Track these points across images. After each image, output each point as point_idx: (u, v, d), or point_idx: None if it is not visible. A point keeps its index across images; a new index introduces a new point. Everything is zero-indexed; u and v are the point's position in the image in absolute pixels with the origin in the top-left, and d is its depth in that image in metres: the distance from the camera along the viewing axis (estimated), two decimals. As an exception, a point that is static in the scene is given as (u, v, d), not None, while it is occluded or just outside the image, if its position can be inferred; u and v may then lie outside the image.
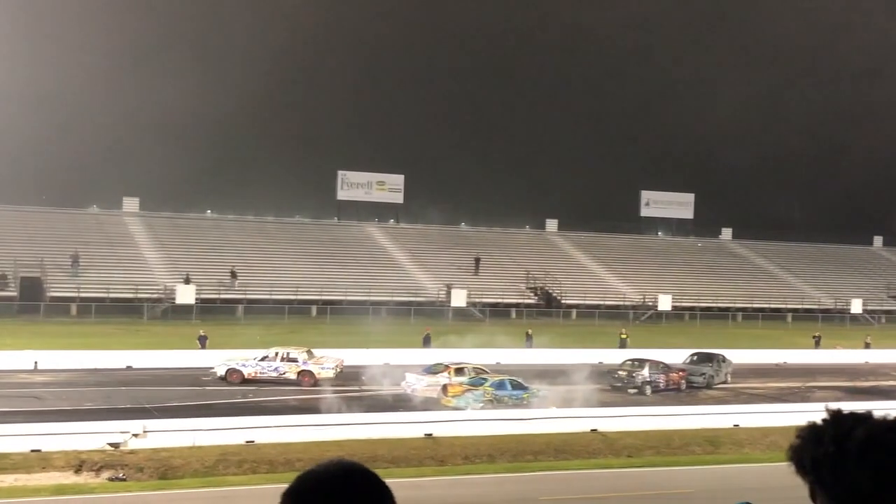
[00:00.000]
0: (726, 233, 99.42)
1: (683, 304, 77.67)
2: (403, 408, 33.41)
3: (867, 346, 59.97)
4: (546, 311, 73.61)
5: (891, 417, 2.00)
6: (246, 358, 38.98)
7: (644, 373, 40.64)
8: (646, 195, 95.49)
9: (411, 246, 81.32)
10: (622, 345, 53.88)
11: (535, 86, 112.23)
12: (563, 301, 75.80)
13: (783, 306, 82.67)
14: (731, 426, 32.61)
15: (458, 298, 69.92)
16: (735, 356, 47.13)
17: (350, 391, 36.22)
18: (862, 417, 2.02)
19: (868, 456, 1.93)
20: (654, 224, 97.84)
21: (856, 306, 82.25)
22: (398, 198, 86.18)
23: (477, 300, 71.24)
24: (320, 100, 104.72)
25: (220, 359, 39.67)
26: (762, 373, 47.56)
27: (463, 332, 53.72)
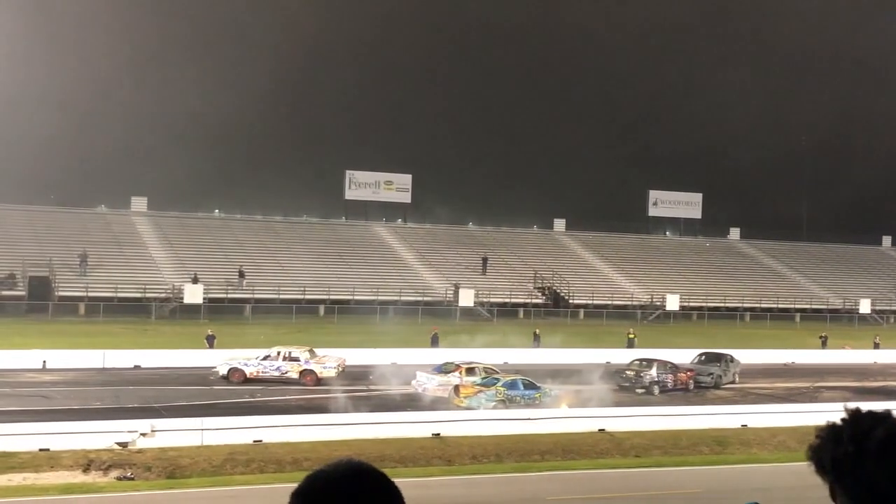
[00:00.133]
0: (734, 233, 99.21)
1: (691, 304, 77.54)
2: (411, 407, 33.40)
3: (876, 347, 59.82)
4: (554, 311, 73.55)
5: None
6: (248, 357, 39.00)
7: (652, 373, 40.61)
8: (654, 195, 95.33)
9: (419, 245, 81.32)
10: (630, 345, 53.84)
11: (544, 86, 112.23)
12: (571, 301, 75.71)
13: (791, 306, 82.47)
14: (739, 426, 32.54)
15: (466, 298, 69.86)
16: (743, 356, 47.05)
17: (358, 391, 36.23)
18: (881, 417, 2.02)
19: (887, 456, 1.93)
20: (662, 224, 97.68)
21: (864, 306, 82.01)
22: (406, 197, 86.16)
23: (485, 300, 71.21)
24: (328, 99, 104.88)
25: (223, 358, 39.74)
26: (770, 373, 47.45)
27: (471, 332, 53.72)
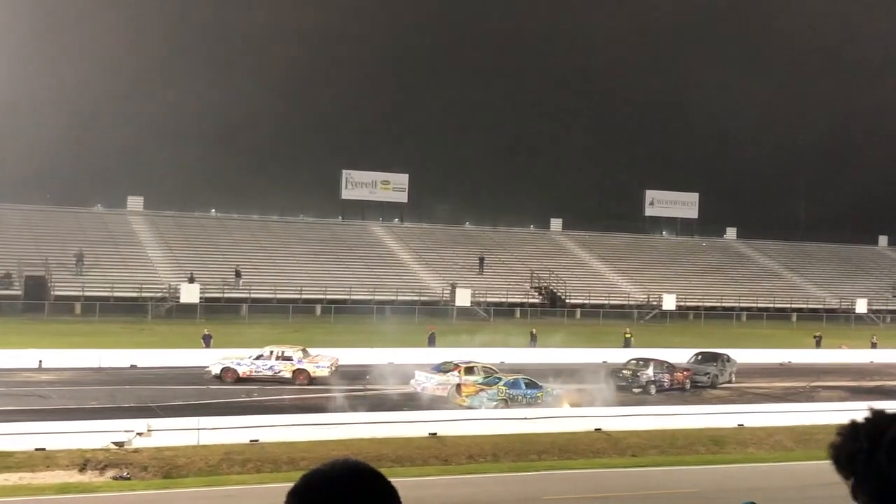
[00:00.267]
0: (731, 232, 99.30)
1: (688, 304, 77.62)
2: (408, 407, 33.41)
3: (873, 346, 59.88)
4: (550, 311, 73.56)
5: None
6: (241, 356, 38.99)
7: (648, 372, 40.64)
8: (650, 195, 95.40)
9: (416, 245, 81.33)
10: (626, 344, 53.89)
11: (541, 85, 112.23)
12: (568, 300, 75.75)
13: (788, 306, 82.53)
14: (736, 426, 32.56)
15: (463, 298, 69.87)
16: (739, 356, 47.09)
17: (355, 390, 36.21)
18: None
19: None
20: (659, 223, 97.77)
21: (861, 306, 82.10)
22: (402, 197, 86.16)
23: (481, 299, 71.23)
24: (325, 99, 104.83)
25: (215, 357, 39.75)
26: (767, 372, 47.50)
27: (467, 332, 53.77)
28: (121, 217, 75.87)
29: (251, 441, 26.65)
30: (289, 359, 38.44)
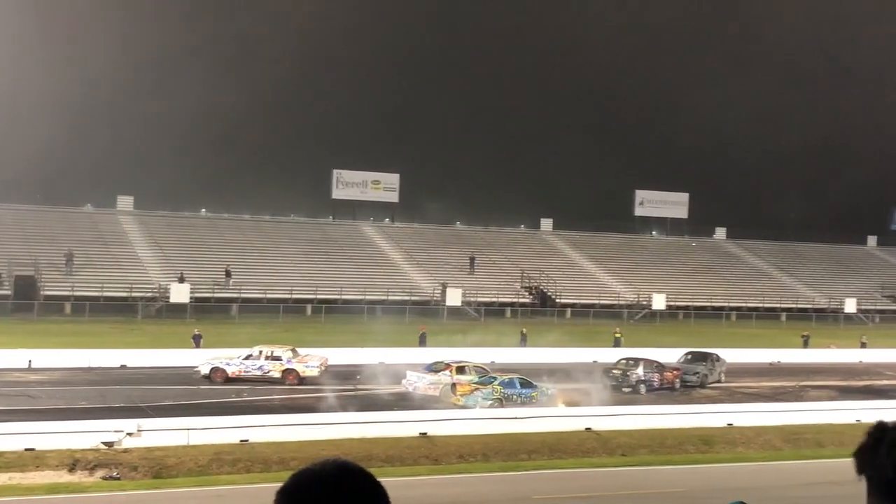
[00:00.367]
0: (720, 232, 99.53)
1: (678, 304, 77.77)
2: (399, 407, 33.41)
3: (863, 346, 60.03)
4: (541, 311, 73.63)
5: None
6: (230, 356, 38.96)
7: (639, 372, 40.72)
8: (640, 195, 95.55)
9: (407, 245, 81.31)
10: (616, 344, 53.96)
11: (531, 85, 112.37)
12: (558, 300, 75.82)
13: (777, 306, 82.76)
14: (725, 425, 32.62)
15: (454, 297, 69.89)
16: (729, 355, 47.19)
17: (346, 390, 36.19)
18: None
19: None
20: (649, 223, 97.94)
21: (850, 306, 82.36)
22: (393, 197, 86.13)
23: (472, 299, 71.25)
24: (315, 99, 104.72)
25: (205, 357, 39.71)
26: (756, 372, 47.61)
27: (458, 332, 53.82)
28: (111, 217, 75.68)
29: (241, 441, 26.61)
30: (278, 359, 38.43)
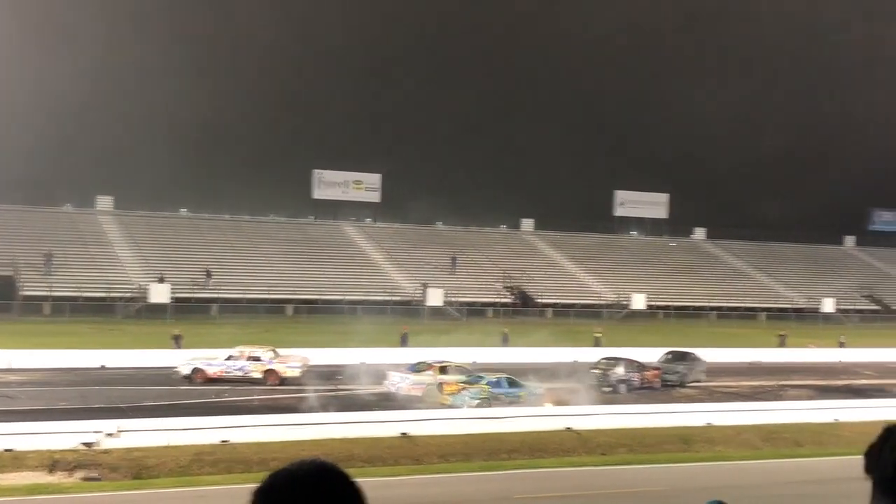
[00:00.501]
0: (700, 232, 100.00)
1: (658, 303, 78.12)
2: (381, 407, 33.40)
3: (842, 345, 60.41)
4: (522, 310, 73.78)
5: None
6: (210, 357, 38.88)
7: (619, 371, 40.87)
8: (620, 195, 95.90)
9: (388, 245, 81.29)
10: (597, 343, 54.13)
11: (512, 86, 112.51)
12: (539, 300, 75.99)
13: (757, 305, 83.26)
14: (704, 424, 32.74)
15: (435, 297, 69.96)
16: (709, 355, 47.40)
17: (327, 390, 36.15)
18: None
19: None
20: (629, 224, 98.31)
21: (828, 305, 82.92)
22: (375, 197, 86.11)
23: (454, 299, 71.31)
24: (296, 98, 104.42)
25: (185, 358, 39.61)
26: (735, 371, 47.86)
27: (440, 332, 53.86)
28: (90, 217, 75.35)
29: (222, 441, 26.53)
30: (259, 359, 38.38)
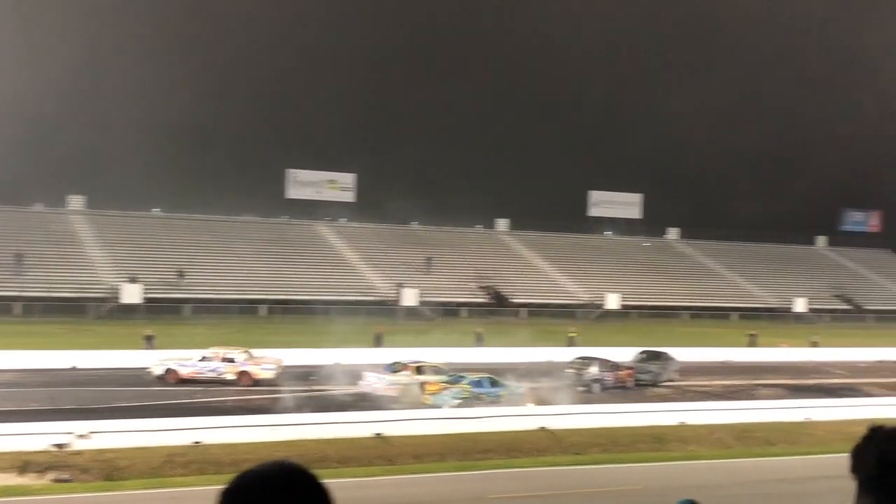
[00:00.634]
0: (673, 232, 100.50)
1: (631, 303, 78.41)
2: (354, 407, 33.33)
3: (814, 345, 60.84)
4: (496, 310, 73.86)
5: None
6: (183, 358, 38.71)
7: (592, 371, 40.98)
8: (594, 195, 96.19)
9: (363, 245, 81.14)
10: (571, 343, 54.26)
11: (487, 87, 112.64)
12: (514, 300, 76.09)
13: (729, 305, 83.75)
14: (677, 423, 32.90)
15: (410, 298, 69.89)
16: (681, 354, 47.63)
17: (301, 391, 36.02)
18: None
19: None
20: (603, 224, 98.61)
21: (800, 305, 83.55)
22: (349, 196, 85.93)
23: (428, 299, 71.27)
24: (270, 98, 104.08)
25: (158, 358, 39.40)
26: (708, 370, 48.13)
27: (414, 332, 53.84)
28: (62, 216, 74.79)
29: (194, 443, 26.39)
30: (232, 361, 38.23)
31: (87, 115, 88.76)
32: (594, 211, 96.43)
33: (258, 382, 37.48)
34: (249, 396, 35.30)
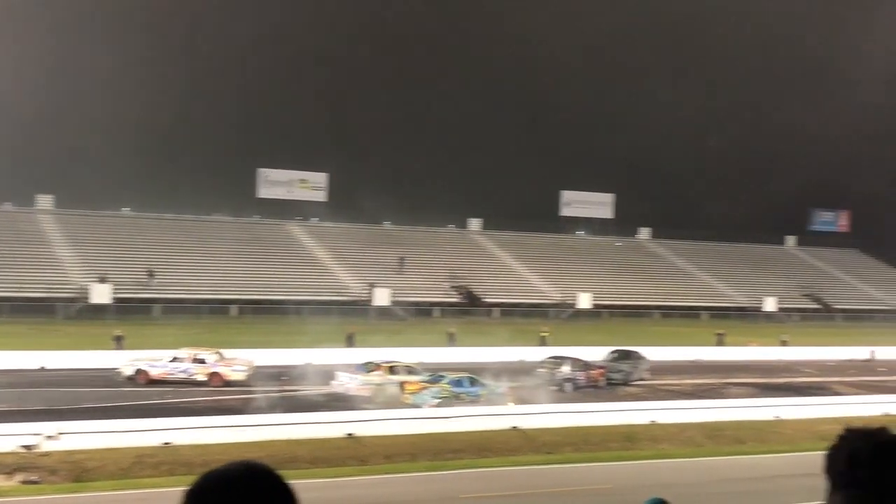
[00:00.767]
0: (644, 232, 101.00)
1: (603, 303, 78.69)
2: (326, 407, 33.25)
3: (784, 344, 61.35)
4: (469, 310, 73.90)
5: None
6: (154, 358, 38.48)
7: (564, 370, 41.09)
8: (566, 195, 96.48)
9: (334, 244, 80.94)
10: (543, 343, 54.40)
11: (459, 86, 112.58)
12: (486, 300, 76.17)
13: (699, 304, 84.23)
14: (649, 422, 33.08)
15: (382, 297, 69.79)
16: (652, 353, 47.91)
17: (273, 391, 35.87)
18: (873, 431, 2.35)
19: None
20: (575, 224, 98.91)
21: (769, 304, 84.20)
22: (321, 196, 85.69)
23: (401, 299, 71.19)
24: (241, 96, 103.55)
25: (128, 359, 39.14)
26: (678, 370, 48.42)
27: (386, 332, 53.78)
28: (30, 216, 74.12)
29: (164, 444, 26.23)
30: (203, 361, 38.03)
31: (56, 114, 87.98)
32: (566, 211, 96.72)
33: (229, 383, 37.31)
34: (220, 397, 35.12)
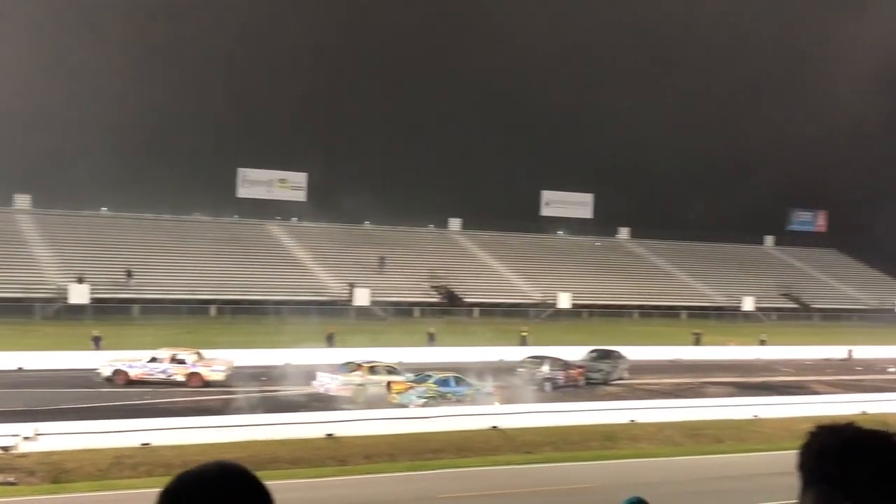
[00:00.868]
0: (624, 232, 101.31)
1: (582, 302, 78.89)
2: (306, 408, 33.18)
3: (762, 343, 61.73)
4: (449, 310, 73.93)
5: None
6: (133, 359, 38.30)
7: (544, 370, 41.17)
8: (546, 195, 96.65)
9: (314, 244, 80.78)
10: (523, 342, 54.50)
11: (440, 86, 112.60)
12: (466, 299, 76.21)
13: (678, 304, 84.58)
14: (628, 422, 33.19)
15: (362, 297, 69.70)
16: (631, 353, 48.08)
17: (253, 392, 35.78)
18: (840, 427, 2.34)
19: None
20: (555, 223, 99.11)
21: (748, 304, 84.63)
22: (301, 196, 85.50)
23: (381, 299, 71.12)
24: (220, 96, 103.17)
25: (106, 359, 38.94)
26: (657, 369, 48.63)
27: (366, 332, 53.72)
28: (7, 216, 73.61)
29: (143, 444, 26.11)
30: (182, 362, 37.88)
31: (33, 113, 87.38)
32: (546, 211, 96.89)
33: (208, 384, 37.20)
34: (199, 398, 34.99)
